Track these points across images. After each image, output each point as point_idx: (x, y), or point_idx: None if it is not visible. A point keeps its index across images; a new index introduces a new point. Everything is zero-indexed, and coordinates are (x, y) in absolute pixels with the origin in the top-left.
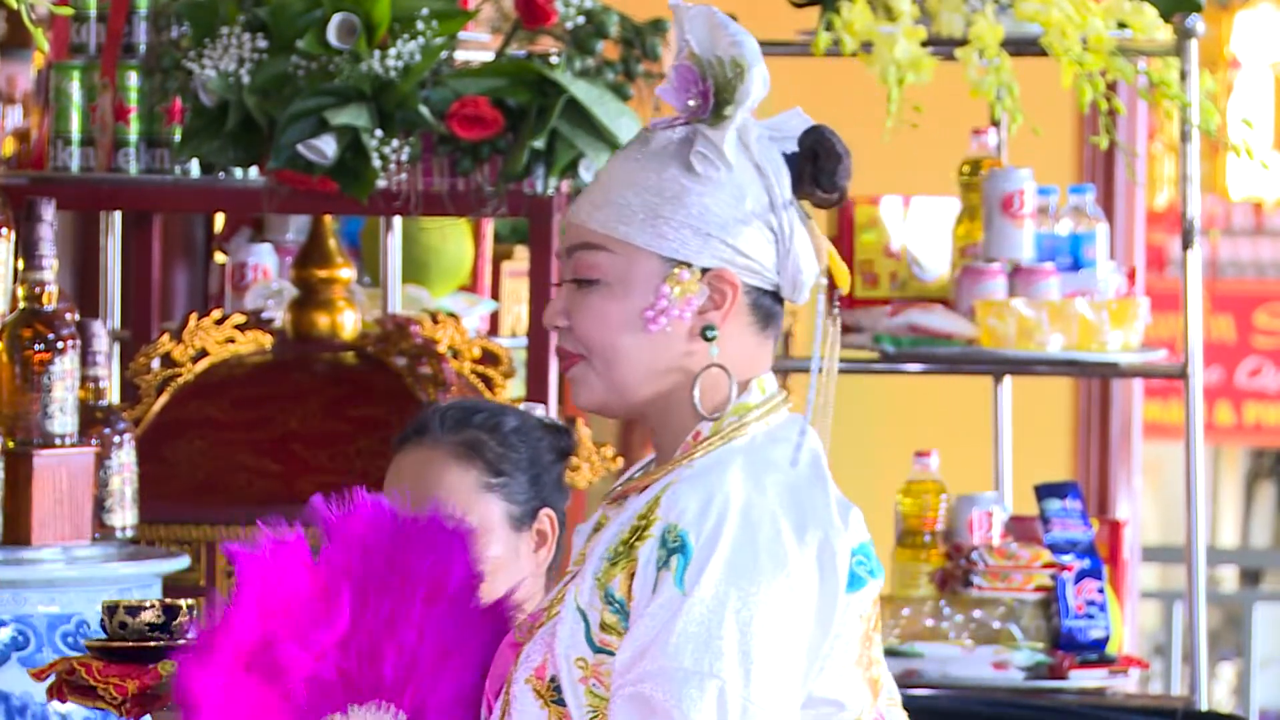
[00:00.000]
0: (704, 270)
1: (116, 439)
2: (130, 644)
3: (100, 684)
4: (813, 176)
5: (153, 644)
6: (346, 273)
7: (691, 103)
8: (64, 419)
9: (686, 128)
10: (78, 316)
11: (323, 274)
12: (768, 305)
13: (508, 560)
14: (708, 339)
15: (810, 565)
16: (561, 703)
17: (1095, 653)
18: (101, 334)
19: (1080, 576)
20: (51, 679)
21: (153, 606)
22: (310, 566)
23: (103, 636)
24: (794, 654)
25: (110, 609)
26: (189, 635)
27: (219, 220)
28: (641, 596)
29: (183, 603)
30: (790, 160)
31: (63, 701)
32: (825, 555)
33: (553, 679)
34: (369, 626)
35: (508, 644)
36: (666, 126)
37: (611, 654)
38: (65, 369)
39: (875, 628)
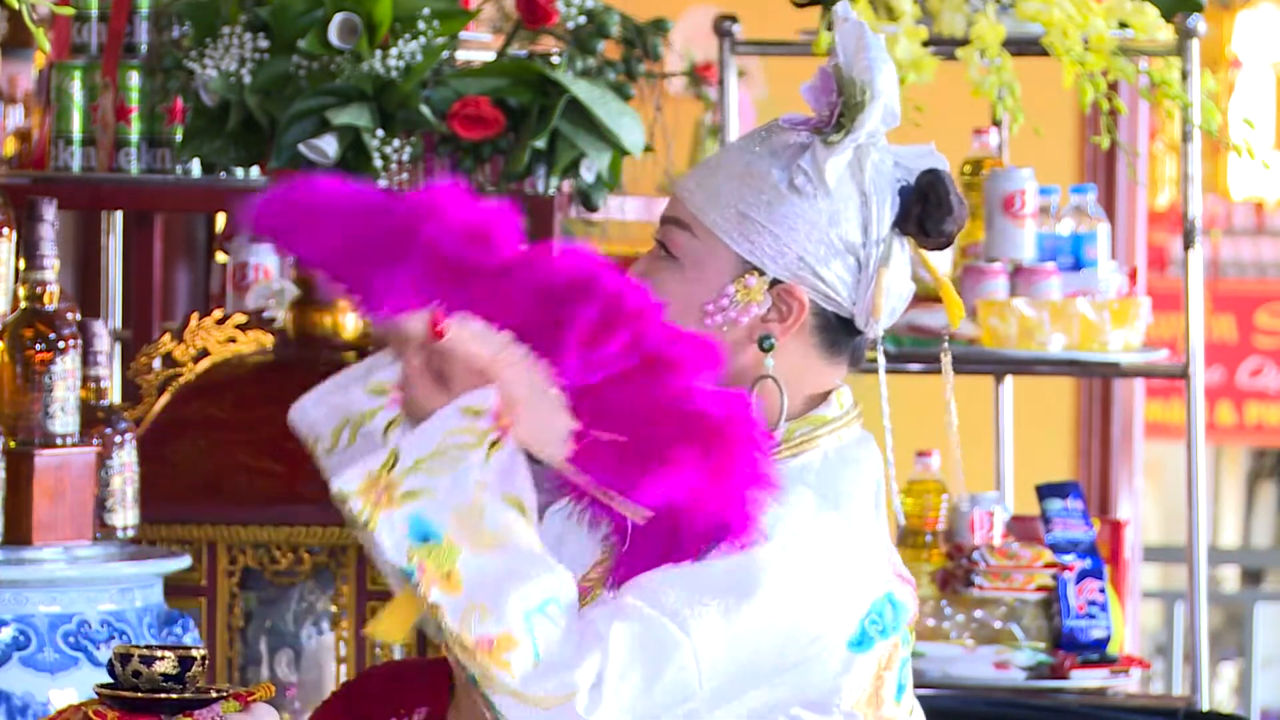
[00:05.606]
0: (775, 281)
1: (118, 439)
2: (143, 695)
3: None
4: (919, 219)
5: (167, 695)
6: None
7: (825, 111)
8: (65, 419)
9: (809, 135)
10: (79, 316)
11: None
12: (837, 331)
13: None
14: (764, 349)
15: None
16: None
17: (1096, 653)
18: (103, 334)
19: (1081, 576)
20: None
21: (167, 656)
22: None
23: (111, 681)
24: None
25: (123, 656)
26: (199, 686)
27: (220, 220)
28: None
29: (197, 652)
30: (905, 194)
31: None
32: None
33: None
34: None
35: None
36: (794, 126)
37: None
38: (66, 369)
39: (890, 667)
